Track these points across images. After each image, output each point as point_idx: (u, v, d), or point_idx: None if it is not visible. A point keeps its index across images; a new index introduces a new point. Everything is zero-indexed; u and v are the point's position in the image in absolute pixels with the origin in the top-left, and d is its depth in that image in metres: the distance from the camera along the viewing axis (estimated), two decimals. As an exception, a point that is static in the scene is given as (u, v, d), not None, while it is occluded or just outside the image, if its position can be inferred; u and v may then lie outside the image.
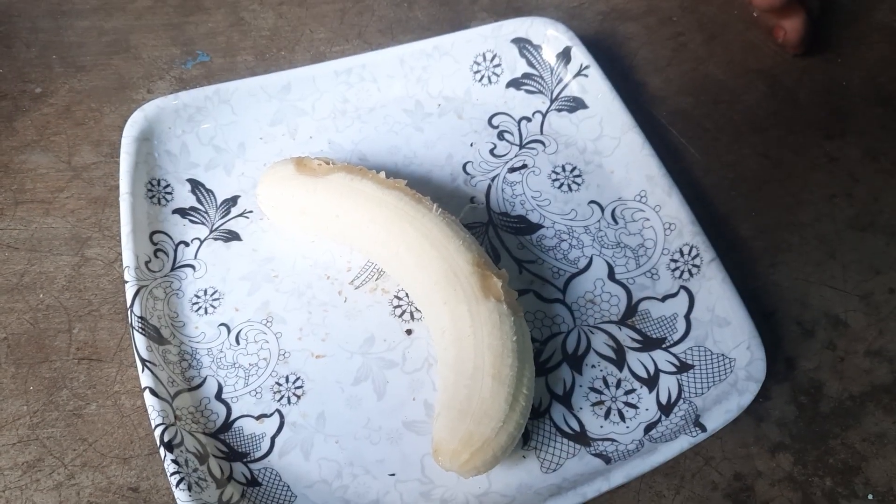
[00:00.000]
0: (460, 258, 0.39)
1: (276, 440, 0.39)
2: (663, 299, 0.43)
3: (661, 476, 0.39)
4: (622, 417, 0.40)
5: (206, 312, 0.43)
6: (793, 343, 0.43)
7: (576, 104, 0.50)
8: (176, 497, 0.35)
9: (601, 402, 0.40)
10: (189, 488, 0.35)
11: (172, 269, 0.44)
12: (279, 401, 0.40)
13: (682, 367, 0.41)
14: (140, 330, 0.40)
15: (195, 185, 0.47)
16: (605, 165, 0.49)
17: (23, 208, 0.47)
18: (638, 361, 0.42)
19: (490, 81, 0.52)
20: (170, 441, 0.36)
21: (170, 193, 0.46)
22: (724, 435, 0.40)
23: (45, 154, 0.50)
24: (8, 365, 0.42)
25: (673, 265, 0.44)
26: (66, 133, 0.51)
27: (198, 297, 0.43)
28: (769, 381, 0.39)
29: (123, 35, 0.56)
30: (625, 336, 0.42)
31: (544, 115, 0.51)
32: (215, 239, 0.46)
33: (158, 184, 0.46)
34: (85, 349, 0.42)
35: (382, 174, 0.42)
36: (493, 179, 0.48)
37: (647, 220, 0.46)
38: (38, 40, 0.56)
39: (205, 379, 0.41)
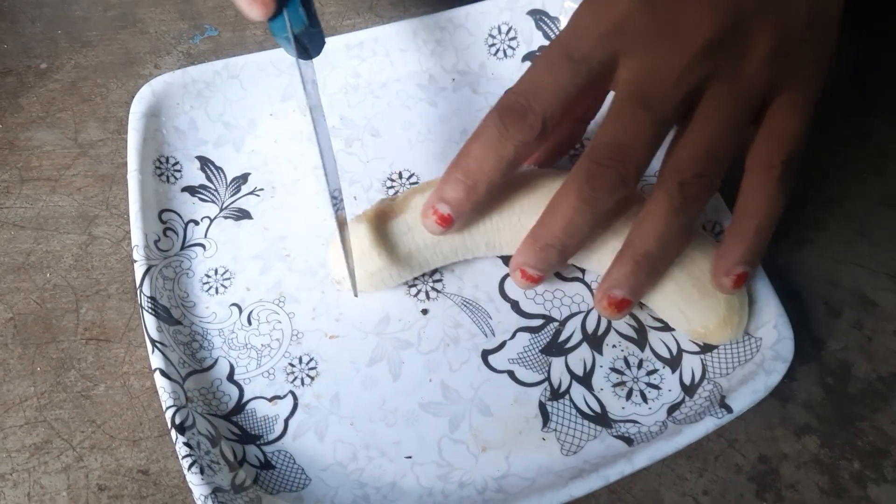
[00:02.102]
0: None
1: (290, 422, 0.38)
2: (686, 278, 0.42)
3: (684, 458, 0.38)
4: (644, 398, 0.39)
5: (216, 292, 0.42)
6: (820, 323, 0.42)
7: (594, 78, 0.49)
8: (188, 480, 0.34)
9: (622, 383, 0.39)
10: (201, 471, 0.34)
11: (182, 248, 0.43)
12: (292, 382, 0.39)
13: (706, 347, 0.40)
14: (150, 310, 0.39)
15: (204, 163, 0.46)
16: (624, 141, 0.47)
17: (29, 186, 0.47)
18: (660, 341, 0.40)
19: (505, 55, 0.50)
20: (181, 423, 0.35)
21: (178, 171, 0.45)
22: (749, 417, 0.39)
23: (51, 131, 0.49)
24: (15, 345, 0.41)
25: (696, 243, 0.43)
26: (72, 109, 0.50)
27: (208, 276, 0.42)
28: (795, 361, 0.38)
29: (130, 9, 0.55)
30: (646, 315, 0.41)
31: (562, 90, 0.50)
32: (226, 217, 0.45)
33: (167, 161, 0.45)
34: (93, 329, 0.42)
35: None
36: (509, 155, 0.47)
37: (669, 196, 0.44)
38: (44, 15, 0.55)
39: (216, 360, 0.40)
